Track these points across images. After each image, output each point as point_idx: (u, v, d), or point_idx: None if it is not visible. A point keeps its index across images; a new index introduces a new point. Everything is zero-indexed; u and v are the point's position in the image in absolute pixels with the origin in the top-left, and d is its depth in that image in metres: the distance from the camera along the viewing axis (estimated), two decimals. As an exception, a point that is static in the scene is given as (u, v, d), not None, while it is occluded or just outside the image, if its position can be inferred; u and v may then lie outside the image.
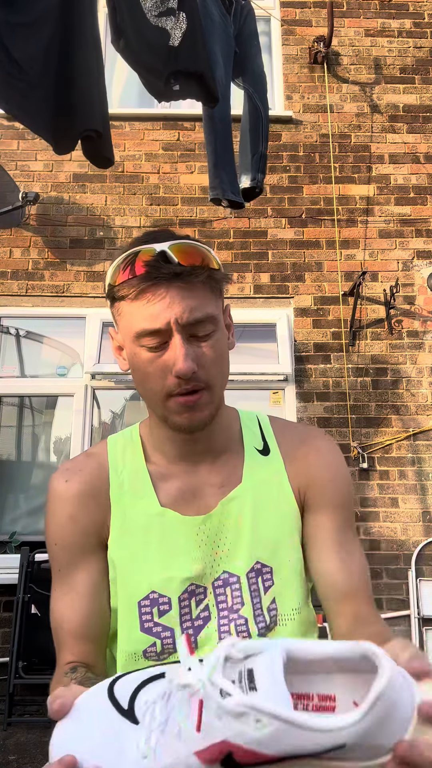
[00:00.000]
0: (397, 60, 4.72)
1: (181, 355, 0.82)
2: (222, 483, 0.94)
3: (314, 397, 4.07)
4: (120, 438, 1.00)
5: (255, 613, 0.89)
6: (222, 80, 2.66)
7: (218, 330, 0.88)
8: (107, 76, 4.61)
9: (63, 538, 0.91)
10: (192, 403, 0.85)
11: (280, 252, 4.31)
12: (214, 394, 0.88)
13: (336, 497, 0.95)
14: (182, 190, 4.40)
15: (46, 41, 1.92)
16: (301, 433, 1.02)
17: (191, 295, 0.83)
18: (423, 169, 4.51)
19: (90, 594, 0.89)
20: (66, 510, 0.92)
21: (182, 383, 0.84)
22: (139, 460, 0.96)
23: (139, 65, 2.26)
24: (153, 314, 0.82)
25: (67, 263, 4.24)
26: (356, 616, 0.88)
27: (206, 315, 0.84)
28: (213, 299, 0.87)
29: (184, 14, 2.32)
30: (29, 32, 1.88)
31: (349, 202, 4.43)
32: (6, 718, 3.20)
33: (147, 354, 0.85)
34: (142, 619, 0.88)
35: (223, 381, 0.90)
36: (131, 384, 4.46)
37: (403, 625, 3.73)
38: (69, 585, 0.90)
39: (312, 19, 4.74)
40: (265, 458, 0.97)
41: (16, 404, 4.27)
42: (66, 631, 0.88)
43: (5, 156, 4.30)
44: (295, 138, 4.53)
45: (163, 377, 0.85)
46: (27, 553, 3.46)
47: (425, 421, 4.05)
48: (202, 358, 0.85)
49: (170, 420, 0.88)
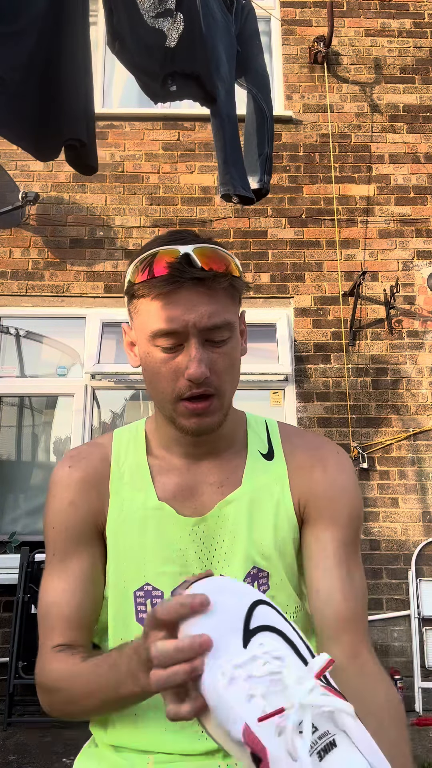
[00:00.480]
0: (397, 60, 4.72)
1: (195, 360, 0.82)
2: (221, 483, 0.93)
3: (314, 397, 4.07)
4: (126, 431, 1.01)
5: None
6: (226, 77, 2.65)
7: (233, 337, 0.87)
8: (108, 76, 4.65)
9: (61, 523, 0.91)
10: (201, 410, 0.85)
11: (280, 252, 4.31)
12: (224, 400, 0.88)
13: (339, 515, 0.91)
14: (182, 190, 4.40)
15: (31, 50, 1.90)
16: (310, 442, 0.99)
17: (211, 301, 0.83)
18: (423, 169, 4.51)
19: (83, 581, 0.90)
20: (67, 495, 0.92)
21: (193, 387, 0.84)
22: (141, 453, 0.96)
23: (135, 67, 2.25)
24: (171, 316, 0.82)
25: (67, 263, 4.24)
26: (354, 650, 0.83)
27: (224, 322, 0.84)
28: (232, 307, 0.87)
29: (182, 15, 2.31)
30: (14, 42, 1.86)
31: (349, 202, 4.43)
32: (6, 718, 3.20)
33: (161, 354, 0.85)
34: (137, 609, 0.89)
35: (233, 388, 0.90)
36: (131, 384, 4.45)
37: (403, 625, 3.73)
38: (63, 570, 0.90)
39: (312, 19, 4.74)
40: (268, 463, 0.96)
41: (16, 404, 4.26)
42: (56, 616, 0.89)
43: (5, 156, 4.29)
44: (295, 138, 4.53)
45: (174, 379, 0.84)
46: (27, 553, 3.46)
47: (425, 421, 4.05)
48: (216, 364, 0.85)
49: (178, 423, 0.88)
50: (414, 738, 3.12)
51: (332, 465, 0.95)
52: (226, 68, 2.65)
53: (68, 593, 0.89)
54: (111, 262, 4.25)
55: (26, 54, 1.89)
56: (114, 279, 4.21)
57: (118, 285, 4.17)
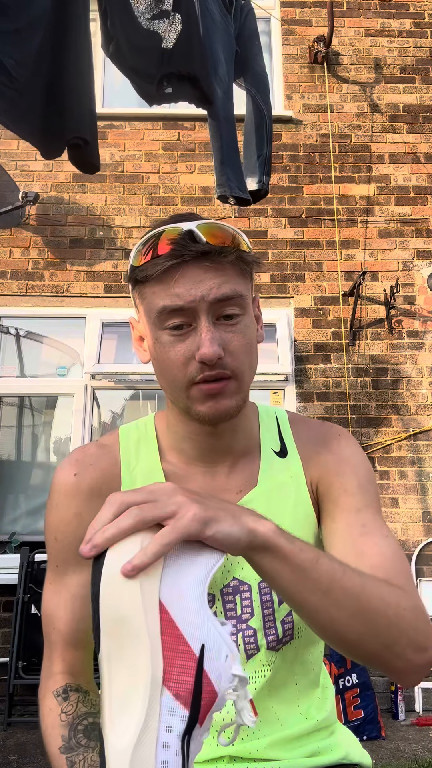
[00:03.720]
0: (397, 60, 4.72)
1: (207, 339, 0.76)
2: (240, 488, 0.89)
3: (314, 397, 4.07)
4: (134, 430, 0.94)
5: (265, 625, 0.85)
6: (225, 78, 2.65)
7: (246, 315, 0.82)
8: (108, 75, 4.64)
9: (65, 535, 0.86)
10: (216, 391, 0.79)
11: (280, 252, 4.31)
12: (241, 383, 0.81)
13: (348, 485, 0.87)
14: (182, 190, 4.40)
15: (37, 47, 1.91)
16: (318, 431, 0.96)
17: (219, 274, 0.77)
18: (423, 169, 4.51)
19: (81, 597, 0.85)
20: (72, 506, 0.86)
21: (206, 369, 0.77)
22: (154, 458, 0.90)
23: (129, 70, 2.26)
24: (177, 292, 0.77)
25: (67, 263, 4.24)
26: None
27: (234, 292, 0.78)
28: (242, 280, 0.81)
29: (180, 16, 2.31)
30: (20, 38, 1.87)
31: (349, 202, 4.43)
32: (6, 718, 3.20)
33: (169, 337, 0.79)
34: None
35: (251, 371, 0.83)
36: (131, 384, 4.45)
37: (403, 625, 3.73)
38: (64, 584, 0.87)
39: (312, 19, 4.74)
40: (283, 461, 0.92)
41: (16, 404, 4.26)
42: (57, 633, 0.86)
43: (5, 156, 4.29)
44: (295, 138, 4.53)
45: (186, 363, 0.78)
46: (27, 553, 3.46)
47: (425, 421, 4.05)
48: (230, 343, 0.79)
49: (193, 410, 0.81)
50: (414, 738, 3.12)
51: (335, 444, 0.92)
52: (224, 69, 2.65)
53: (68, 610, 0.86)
54: (111, 262, 4.25)
55: (33, 50, 1.90)
56: (114, 279, 4.21)
57: (118, 285, 4.17)
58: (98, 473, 0.88)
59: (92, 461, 0.90)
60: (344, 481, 0.88)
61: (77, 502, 0.86)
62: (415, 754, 2.89)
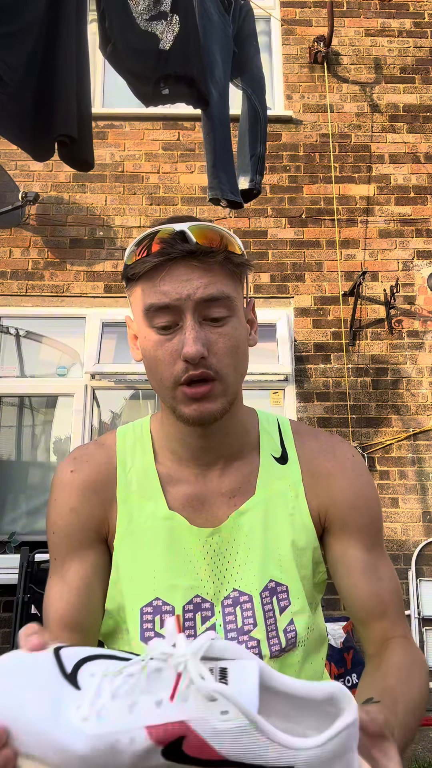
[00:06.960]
0: (397, 60, 4.72)
1: (191, 338, 0.77)
2: (233, 492, 0.89)
3: (314, 397, 4.07)
4: (130, 431, 0.96)
5: (269, 635, 0.84)
6: (221, 80, 2.65)
7: (235, 317, 0.82)
8: (108, 76, 4.64)
9: (61, 528, 0.89)
10: (200, 395, 0.80)
11: (280, 252, 4.31)
12: (226, 385, 0.81)
13: (363, 522, 0.90)
14: (182, 190, 4.40)
15: (30, 50, 1.91)
16: (324, 444, 0.95)
17: (206, 274, 0.79)
18: (423, 169, 4.51)
19: (79, 587, 0.87)
20: (68, 500, 0.89)
21: (190, 368, 0.78)
22: (149, 458, 0.92)
23: (126, 71, 2.26)
24: (164, 290, 0.78)
25: (67, 263, 4.24)
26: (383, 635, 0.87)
27: (221, 293, 0.79)
28: (231, 282, 0.82)
29: (178, 17, 2.31)
30: (13, 42, 1.87)
31: (349, 202, 4.43)
32: (6, 718, 3.20)
33: (157, 336, 0.81)
34: (143, 627, 0.84)
35: (237, 374, 0.83)
36: (131, 384, 4.46)
37: (403, 625, 3.73)
38: (61, 575, 0.88)
39: (312, 19, 4.74)
40: (282, 467, 0.92)
41: (16, 404, 4.26)
42: (51, 619, 0.87)
43: (5, 156, 4.29)
44: (295, 138, 4.53)
45: (172, 363, 0.80)
46: (27, 553, 3.46)
47: (425, 421, 4.05)
48: (215, 344, 0.80)
49: (178, 411, 0.82)
50: (414, 738, 3.11)
51: (350, 470, 0.92)
52: (220, 71, 2.65)
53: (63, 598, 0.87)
54: (111, 262, 4.25)
55: (25, 54, 1.90)
56: (114, 279, 4.21)
57: (118, 285, 4.17)
58: (93, 470, 0.91)
59: (89, 459, 0.92)
60: (359, 517, 0.91)
61: (72, 497, 0.89)
62: (414, 754, 2.89)
